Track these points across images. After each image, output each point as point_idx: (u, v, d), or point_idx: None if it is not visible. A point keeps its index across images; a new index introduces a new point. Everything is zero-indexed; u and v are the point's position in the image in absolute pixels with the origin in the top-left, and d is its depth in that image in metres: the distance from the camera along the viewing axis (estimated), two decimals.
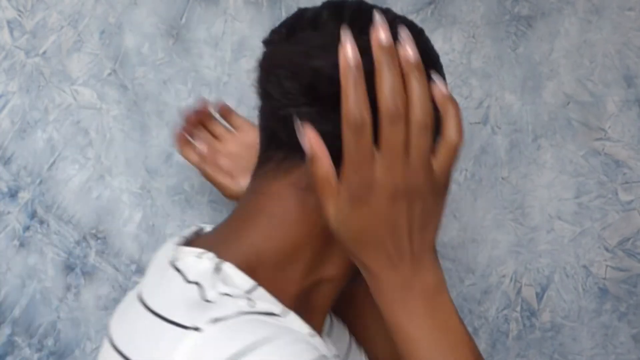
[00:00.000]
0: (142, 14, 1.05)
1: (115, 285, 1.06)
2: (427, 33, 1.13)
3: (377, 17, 0.61)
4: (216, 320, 0.60)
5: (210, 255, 0.65)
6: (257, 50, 1.08)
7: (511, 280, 1.20)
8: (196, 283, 0.63)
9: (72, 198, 1.04)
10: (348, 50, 0.59)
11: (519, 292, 1.21)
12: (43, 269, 1.03)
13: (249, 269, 0.65)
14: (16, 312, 1.03)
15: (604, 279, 1.23)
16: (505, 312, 1.21)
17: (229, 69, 1.08)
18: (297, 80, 0.64)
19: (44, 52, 1.02)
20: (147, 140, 1.06)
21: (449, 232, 1.17)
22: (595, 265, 1.22)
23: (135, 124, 1.05)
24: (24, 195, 1.02)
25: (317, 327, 0.71)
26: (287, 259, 0.67)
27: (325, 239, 0.67)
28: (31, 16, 1.01)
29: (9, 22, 1.01)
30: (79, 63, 1.03)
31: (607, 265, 1.23)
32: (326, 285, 0.70)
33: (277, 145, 0.68)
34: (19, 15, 1.01)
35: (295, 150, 0.65)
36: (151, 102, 1.06)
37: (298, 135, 0.62)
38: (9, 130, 1.02)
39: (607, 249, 1.23)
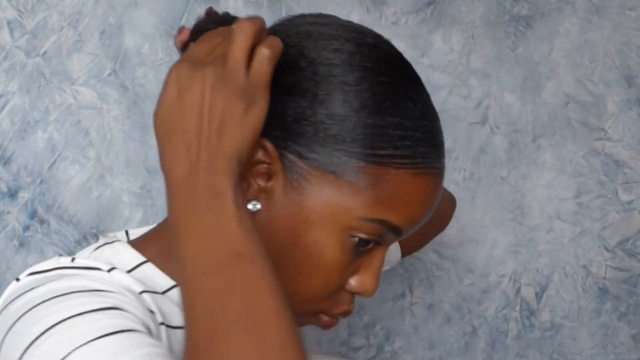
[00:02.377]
0: (142, 15, 1.04)
1: None
2: (427, 34, 1.14)
3: None
4: (33, 273, 0.63)
5: (113, 240, 0.70)
6: None
7: (510, 280, 1.20)
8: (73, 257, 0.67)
9: (73, 198, 1.04)
10: None
11: (518, 291, 1.20)
12: None
13: (150, 252, 0.69)
14: None
15: (604, 278, 1.22)
16: (504, 311, 1.20)
17: None
18: None
19: (45, 52, 1.02)
20: (147, 140, 1.06)
21: (447, 231, 1.17)
22: (595, 265, 1.22)
23: (135, 123, 1.05)
24: (24, 195, 1.02)
25: None
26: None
27: None
28: (31, 16, 1.01)
29: (9, 22, 1.00)
30: (79, 63, 1.03)
31: (607, 265, 1.22)
32: None
33: None
34: (19, 16, 1.01)
35: None
36: (151, 102, 1.05)
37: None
38: (9, 130, 1.01)
39: (607, 249, 1.22)
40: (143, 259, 0.68)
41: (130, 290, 0.64)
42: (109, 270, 0.64)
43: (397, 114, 0.64)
